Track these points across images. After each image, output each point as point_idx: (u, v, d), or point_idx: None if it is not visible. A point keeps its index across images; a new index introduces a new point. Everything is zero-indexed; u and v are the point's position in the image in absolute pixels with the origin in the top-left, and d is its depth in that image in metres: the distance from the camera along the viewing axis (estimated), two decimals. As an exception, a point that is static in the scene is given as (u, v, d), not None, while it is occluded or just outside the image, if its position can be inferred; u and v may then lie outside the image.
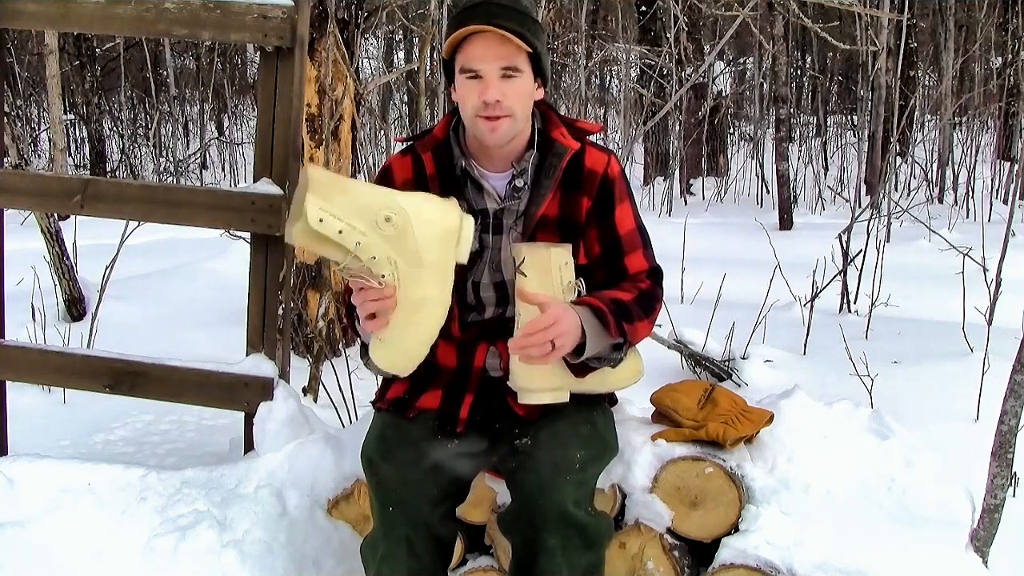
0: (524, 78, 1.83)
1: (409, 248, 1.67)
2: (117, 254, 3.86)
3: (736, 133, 13.00)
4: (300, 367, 3.37)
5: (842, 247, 4.62)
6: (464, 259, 1.73)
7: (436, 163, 1.93)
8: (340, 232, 1.63)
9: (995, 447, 2.01)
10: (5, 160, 2.94)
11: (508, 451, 1.85)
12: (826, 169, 10.76)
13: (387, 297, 1.67)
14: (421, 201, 1.72)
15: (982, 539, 1.98)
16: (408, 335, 1.71)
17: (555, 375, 1.82)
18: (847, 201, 7.41)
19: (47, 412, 3.39)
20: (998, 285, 3.58)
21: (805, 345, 3.91)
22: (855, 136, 10.18)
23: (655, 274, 1.97)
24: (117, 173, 10.86)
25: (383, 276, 1.66)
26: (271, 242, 2.46)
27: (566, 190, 1.92)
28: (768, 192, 9.25)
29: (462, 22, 1.80)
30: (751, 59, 13.09)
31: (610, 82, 14.49)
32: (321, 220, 1.61)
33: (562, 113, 2.12)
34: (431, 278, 1.69)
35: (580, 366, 1.82)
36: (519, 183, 1.90)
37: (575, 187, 1.92)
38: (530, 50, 1.82)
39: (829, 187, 9.18)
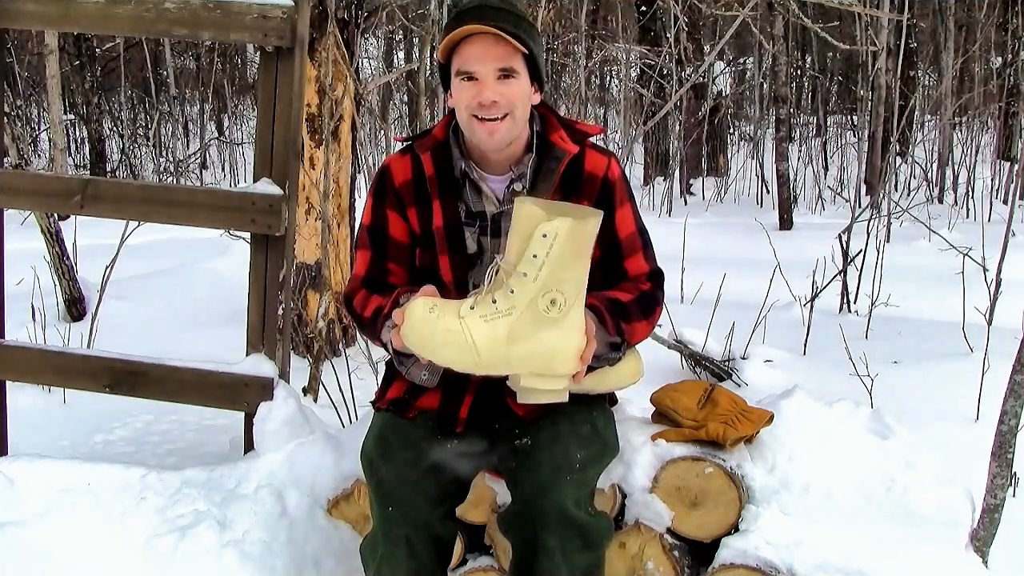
0: (520, 80, 1.83)
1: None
2: (117, 254, 3.86)
3: (736, 133, 12.99)
4: (300, 367, 3.37)
5: (842, 247, 4.62)
6: None
7: (435, 164, 1.93)
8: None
9: (995, 447, 2.01)
10: (5, 160, 2.94)
11: (508, 451, 1.85)
12: (826, 169, 10.75)
13: None
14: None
15: (982, 539, 1.98)
16: None
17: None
18: (847, 201, 7.41)
19: (47, 412, 3.39)
20: (998, 285, 3.58)
21: (805, 345, 3.91)
22: (855, 136, 10.17)
23: (656, 277, 1.96)
24: (117, 173, 10.86)
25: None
26: (271, 242, 2.46)
27: (566, 193, 1.91)
28: (768, 192, 9.25)
29: (458, 25, 1.80)
30: (751, 59, 13.08)
31: (610, 82, 14.49)
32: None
33: (562, 113, 2.12)
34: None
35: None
36: (517, 186, 1.90)
37: (575, 190, 1.92)
38: (525, 51, 1.82)
39: (829, 187, 9.18)
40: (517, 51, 1.81)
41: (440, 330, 1.64)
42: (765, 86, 11.53)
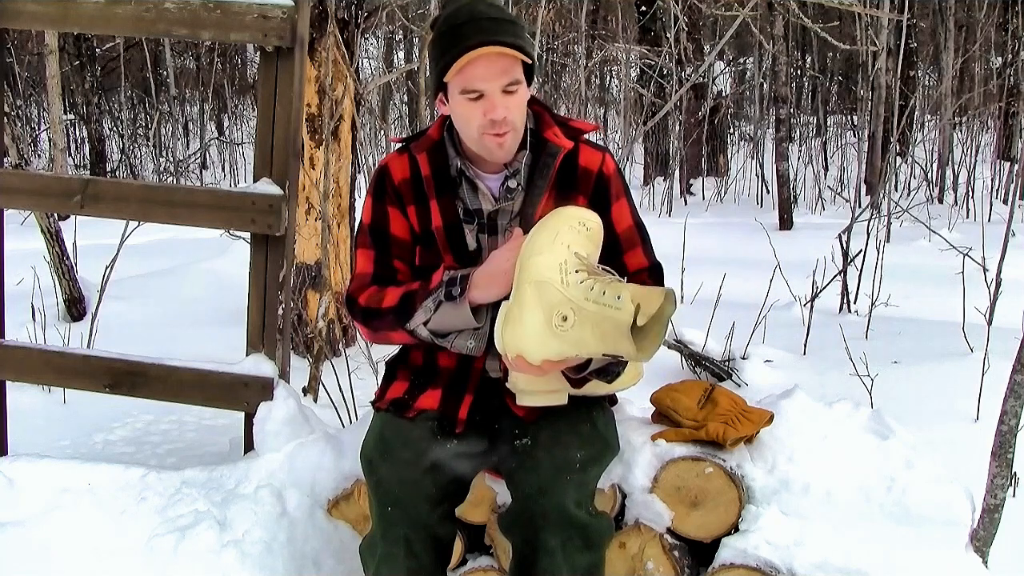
0: (522, 89, 1.83)
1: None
2: (117, 254, 3.86)
3: (736, 133, 13.00)
4: (300, 367, 3.37)
5: (842, 247, 4.62)
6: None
7: (431, 164, 1.93)
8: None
9: (995, 447, 2.01)
10: (5, 160, 2.94)
11: (508, 451, 1.85)
12: (826, 169, 10.76)
13: None
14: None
15: (982, 539, 1.98)
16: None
17: (554, 378, 1.82)
18: (847, 201, 7.41)
19: (47, 412, 3.39)
20: (998, 285, 3.58)
21: (805, 345, 3.91)
22: (855, 136, 10.18)
23: (656, 271, 1.96)
24: (117, 173, 10.87)
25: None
26: (271, 242, 2.46)
27: (561, 190, 1.92)
28: (768, 192, 9.26)
29: (456, 43, 1.78)
30: (751, 59, 13.09)
31: (610, 82, 14.49)
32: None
33: (562, 113, 2.12)
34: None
35: (579, 379, 1.82)
36: (512, 184, 1.90)
37: (570, 186, 1.92)
38: (528, 61, 1.82)
39: (829, 187, 9.18)
40: (519, 62, 1.81)
41: (558, 242, 1.76)
42: (765, 86, 11.54)
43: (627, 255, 1.94)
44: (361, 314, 1.94)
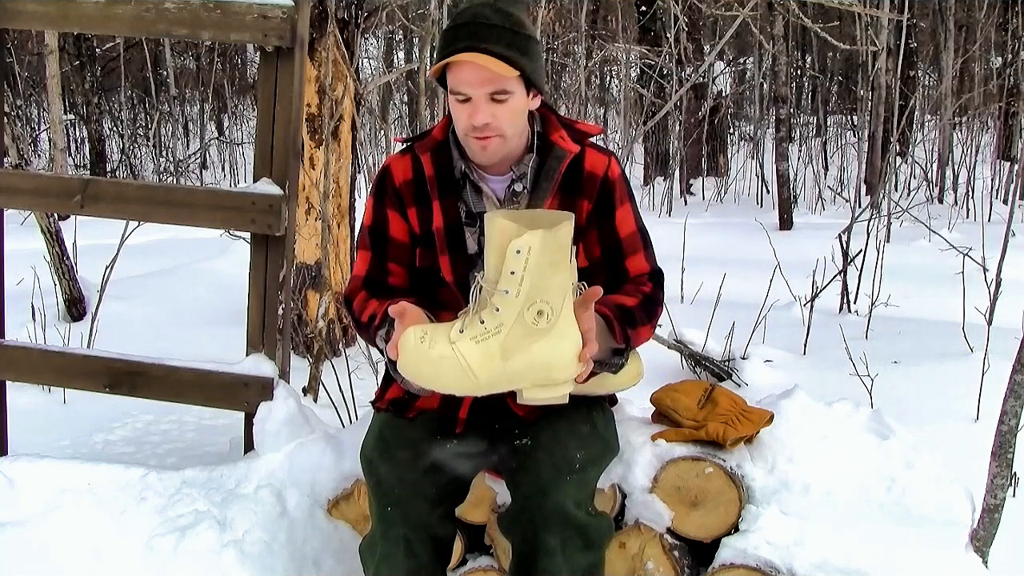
0: (514, 99, 1.81)
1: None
2: (117, 254, 3.86)
3: (736, 133, 13.01)
4: (300, 367, 3.37)
5: (842, 247, 4.62)
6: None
7: (435, 164, 1.93)
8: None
9: (995, 447, 2.01)
10: (5, 160, 2.94)
11: (508, 451, 1.85)
12: (826, 169, 10.76)
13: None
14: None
15: (982, 539, 1.98)
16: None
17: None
18: (847, 201, 7.41)
19: (47, 412, 3.39)
20: (998, 285, 3.58)
21: (805, 345, 3.91)
22: (855, 136, 10.18)
23: (656, 276, 1.96)
24: (117, 173, 10.87)
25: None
26: (271, 242, 2.46)
27: (566, 193, 1.91)
28: (768, 192, 9.26)
29: (449, 43, 1.78)
30: (751, 59, 13.09)
31: (610, 82, 14.49)
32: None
33: (562, 113, 2.12)
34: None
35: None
36: (518, 187, 1.90)
37: (575, 190, 1.92)
38: (518, 73, 1.79)
39: (829, 187, 9.18)
40: (509, 72, 1.78)
41: (434, 358, 1.61)
42: (765, 86, 11.54)
43: (628, 260, 1.94)
44: (351, 318, 1.98)
